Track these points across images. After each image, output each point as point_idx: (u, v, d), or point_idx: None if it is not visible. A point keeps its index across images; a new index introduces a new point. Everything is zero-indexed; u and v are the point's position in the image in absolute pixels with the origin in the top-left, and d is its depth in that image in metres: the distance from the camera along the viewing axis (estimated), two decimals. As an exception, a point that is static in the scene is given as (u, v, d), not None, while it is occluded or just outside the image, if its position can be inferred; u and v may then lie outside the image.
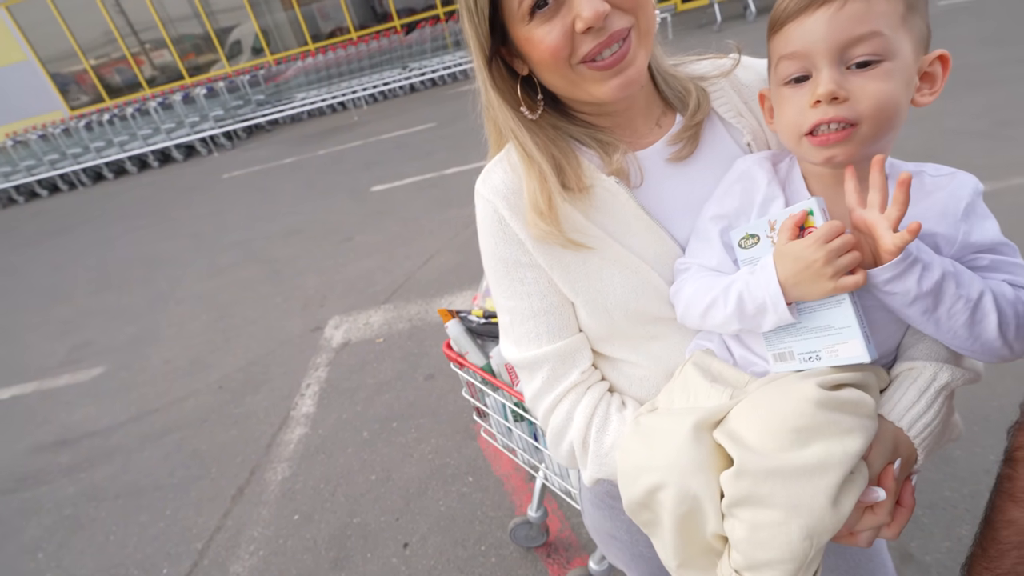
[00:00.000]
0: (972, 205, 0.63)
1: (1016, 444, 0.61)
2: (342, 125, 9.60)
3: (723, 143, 0.81)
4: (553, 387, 0.83)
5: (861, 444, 0.59)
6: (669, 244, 0.78)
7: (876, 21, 0.58)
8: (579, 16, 0.64)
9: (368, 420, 2.56)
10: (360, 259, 4.21)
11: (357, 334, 3.26)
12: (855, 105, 0.59)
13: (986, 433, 1.70)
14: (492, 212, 0.79)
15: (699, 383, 0.72)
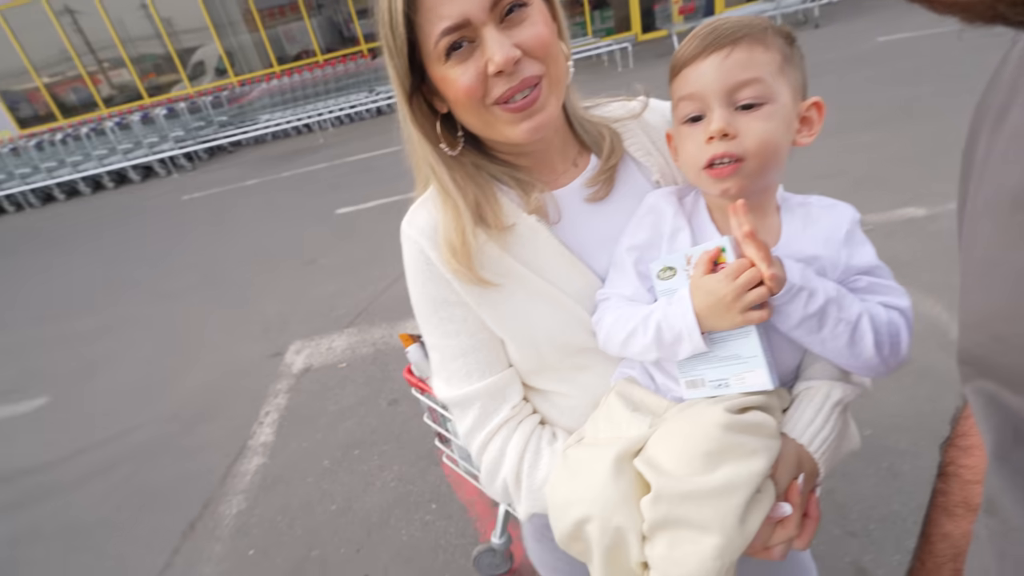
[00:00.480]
0: (851, 232, 0.71)
1: (948, 459, 0.64)
2: (307, 147, 9.53)
3: (635, 181, 0.86)
4: (485, 424, 0.84)
5: (765, 464, 0.64)
6: (590, 278, 0.81)
7: (758, 69, 0.65)
8: (491, 60, 0.67)
9: (329, 448, 2.50)
10: (324, 282, 4.15)
11: (319, 359, 3.19)
12: (742, 141, 0.66)
13: (931, 447, 1.77)
14: (418, 252, 0.81)
15: (621, 413, 0.75)
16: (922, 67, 5.48)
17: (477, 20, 0.67)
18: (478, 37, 0.68)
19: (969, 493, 0.60)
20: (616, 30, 12.43)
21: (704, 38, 0.67)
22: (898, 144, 3.91)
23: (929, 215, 2.97)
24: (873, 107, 4.68)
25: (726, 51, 0.65)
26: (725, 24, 0.66)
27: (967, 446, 0.62)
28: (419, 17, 0.68)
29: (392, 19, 0.68)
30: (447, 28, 0.67)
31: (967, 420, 0.63)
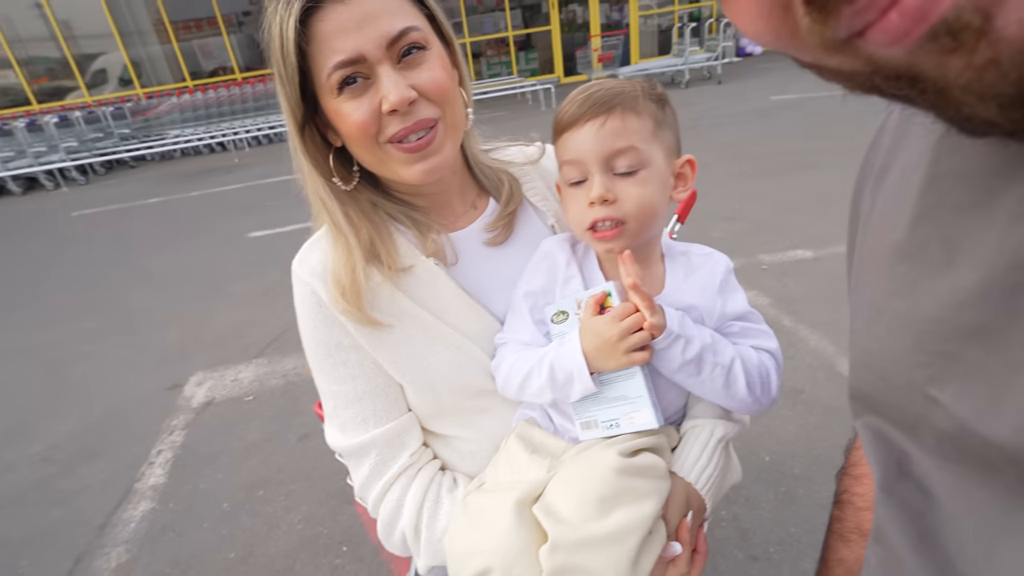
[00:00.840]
0: (725, 281, 0.77)
1: (842, 488, 0.68)
2: (220, 166, 9.05)
3: (533, 225, 0.88)
4: (382, 473, 0.80)
5: (656, 505, 0.67)
6: (489, 320, 0.81)
7: (631, 137, 0.69)
8: (385, 98, 0.67)
9: (230, 488, 2.31)
10: (231, 309, 3.90)
11: (223, 392, 2.97)
12: (621, 206, 0.70)
13: (820, 472, 1.92)
14: (310, 294, 0.77)
15: (520, 455, 0.76)
16: (808, 125, 6.12)
17: (372, 57, 0.66)
18: (373, 74, 0.67)
19: (861, 520, 0.63)
20: (540, 71, 12.96)
21: (580, 104, 0.70)
22: (789, 192, 4.31)
23: (816, 257, 3.28)
24: (768, 158, 5.16)
25: (601, 120, 0.69)
26: (599, 91, 0.70)
27: (858, 475, 0.66)
28: (312, 48, 0.66)
29: (283, 47, 0.66)
30: (341, 62, 0.66)
31: (858, 451, 0.67)
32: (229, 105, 10.71)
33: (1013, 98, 0.23)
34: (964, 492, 0.37)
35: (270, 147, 10.28)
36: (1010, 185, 0.32)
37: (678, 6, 13.04)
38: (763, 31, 0.28)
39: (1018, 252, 0.31)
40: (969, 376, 0.34)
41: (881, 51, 0.25)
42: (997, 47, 0.21)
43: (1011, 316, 0.31)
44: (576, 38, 12.77)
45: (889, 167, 0.45)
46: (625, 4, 12.76)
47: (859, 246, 0.49)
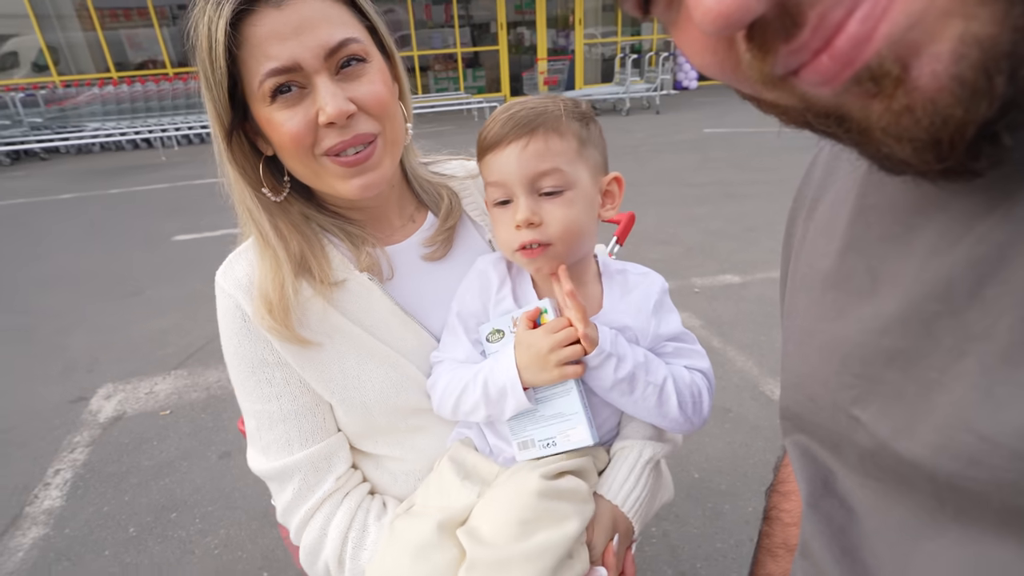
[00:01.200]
0: (660, 302, 0.78)
1: (771, 504, 0.70)
2: (145, 164, 8.51)
3: (471, 239, 0.87)
4: (305, 499, 0.76)
5: (577, 527, 0.67)
6: (425, 337, 0.79)
7: (555, 158, 0.69)
8: (322, 110, 0.64)
9: (138, 511, 2.12)
10: (151, 317, 3.64)
11: (136, 405, 2.75)
12: (547, 228, 0.69)
13: (746, 488, 2.00)
14: (234, 307, 0.73)
15: (452, 480, 0.74)
16: (738, 158, 6.50)
17: (309, 67, 0.63)
18: (310, 84, 0.65)
19: (788, 535, 0.65)
20: (487, 89, 13.10)
21: (503, 124, 0.69)
22: (719, 219, 4.54)
23: (743, 282, 3.45)
24: (702, 186, 5.43)
25: (523, 141, 0.68)
26: (521, 112, 0.69)
27: (786, 491, 0.68)
28: (244, 52, 0.63)
29: (212, 49, 0.62)
30: (274, 69, 0.62)
31: (787, 468, 0.70)
32: (158, 100, 10.11)
33: (925, 142, 0.25)
34: (883, 508, 0.39)
35: (202, 147, 9.77)
36: (927, 222, 0.34)
37: (621, 38, 13.60)
38: (710, 63, 0.30)
39: (935, 283, 0.33)
40: (889, 397, 0.36)
41: (813, 90, 0.26)
42: (912, 95, 0.23)
43: (927, 342, 0.33)
44: (523, 60, 13.03)
45: (820, 199, 0.48)
46: (571, 31, 13.18)
47: (792, 273, 0.51)
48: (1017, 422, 0.28)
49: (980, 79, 0.22)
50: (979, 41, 0.21)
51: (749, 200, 4.91)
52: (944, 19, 0.22)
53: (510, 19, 12.76)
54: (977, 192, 0.31)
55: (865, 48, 0.23)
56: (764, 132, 7.29)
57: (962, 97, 0.23)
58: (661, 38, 13.60)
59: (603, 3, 13.42)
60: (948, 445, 0.32)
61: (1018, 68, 0.22)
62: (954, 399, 0.32)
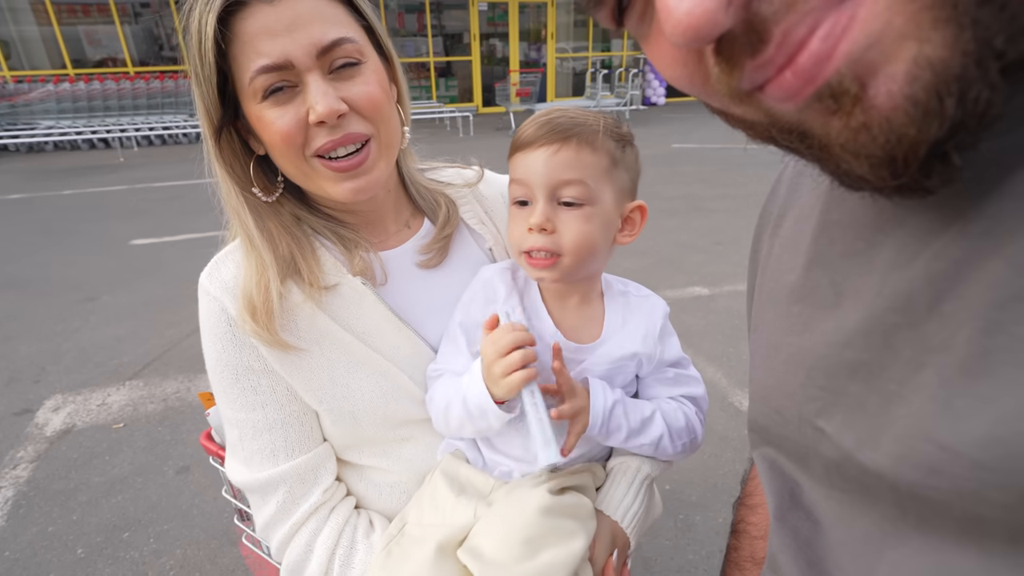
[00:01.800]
0: (664, 327, 0.78)
1: (738, 518, 0.71)
2: (102, 165, 8.20)
3: (468, 248, 0.86)
4: (290, 512, 0.73)
5: (583, 545, 0.66)
6: (420, 345, 0.77)
7: (582, 171, 0.67)
8: (313, 108, 0.63)
9: (87, 531, 2.01)
10: (104, 324, 3.48)
11: (86, 418, 2.61)
12: (559, 238, 0.68)
13: (716, 500, 2.02)
14: (219, 311, 0.71)
15: (447, 497, 0.72)
16: (705, 173, 6.66)
17: (301, 65, 0.62)
18: (301, 82, 0.63)
19: (755, 548, 0.66)
20: (459, 99, 13.13)
21: (539, 127, 0.68)
22: (688, 233, 4.63)
23: (711, 294, 3.52)
24: (671, 199, 5.53)
25: (555, 147, 0.67)
26: (561, 118, 0.68)
27: (753, 504, 0.69)
28: (234, 48, 0.61)
29: (201, 44, 0.60)
30: (265, 66, 0.61)
31: (754, 481, 0.70)
32: (117, 99, 9.75)
33: (881, 159, 0.26)
34: (847, 520, 0.40)
35: (163, 148, 9.49)
36: (887, 238, 0.36)
37: (592, 53, 13.84)
38: (680, 76, 0.31)
39: (894, 296, 0.34)
40: (852, 409, 0.37)
41: (777, 105, 0.28)
42: (869, 113, 0.24)
43: (888, 354, 0.34)
44: (496, 71, 13.12)
45: (785, 215, 0.49)
46: (543, 45, 13.35)
47: (758, 288, 0.52)
48: (977, 432, 0.29)
49: (932, 100, 0.23)
50: (932, 64, 0.22)
51: (717, 214, 5.03)
52: (900, 41, 0.23)
53: (483, 30, 12.85)
54: (931, 209, 0.33)
55: (826, 66, 0.24)
56: (731, 148, 7.50)
57: (915, 117, 0.24)
58: (631, 54, 13.89)
59: (575, 19, 13.65)
60: (909, 455, 0.32)
61: (967, 91, 0.23)
62: (914, 410, 0.32)
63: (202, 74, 0.63)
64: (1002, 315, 0.28)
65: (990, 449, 0.28)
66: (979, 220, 0.30)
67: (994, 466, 0.28)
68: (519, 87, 10.70)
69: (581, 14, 13.47)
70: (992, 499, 0.29)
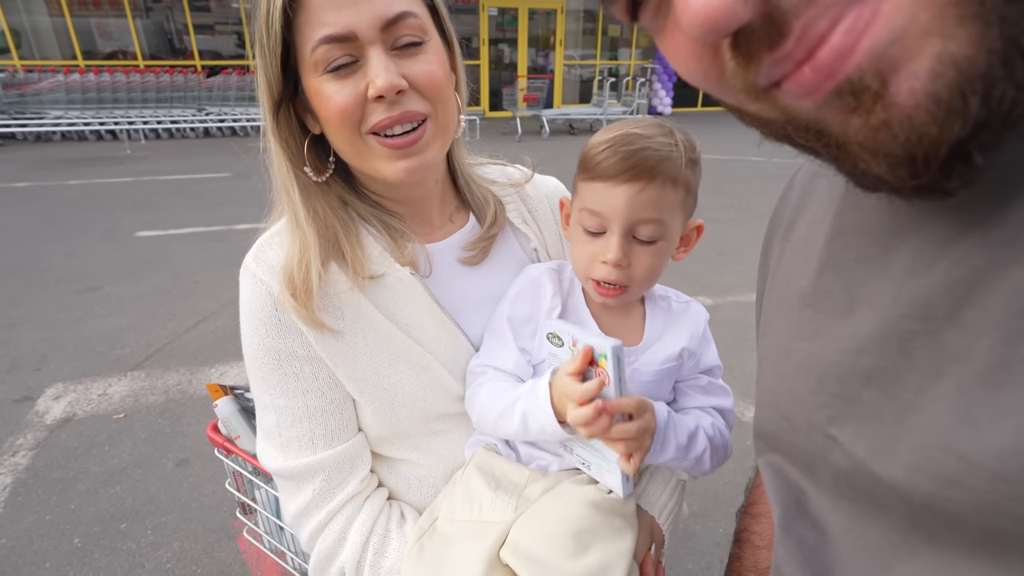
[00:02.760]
0: (705, 331, 0.79)
1: (742, 526, 0.70)
2: (109, 156, 8.21)
3: (511, 247, 0.85)
4: (326, 500, 0.72)
5: (631, 541, 0.66)
6: (460, 340, 0.77)
7: (662, 210, 0.67)
8: (372, 82, 0.62)
9: (85, 521, 2.00)
10: (107, 314, 3.48)
11: (87, 407, 2.61)
12: (631, 273, 0.69)
13: (716, 510, 2.01)
14: (265, 295, 0.70)
15: (483, 492, 0.71)
16: (708, 183, 6.67)
17: (364, 37, 0.61)
18: (363, 57, 0.63)
19: (759, 558, 0.65)
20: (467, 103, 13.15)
21: (623, 160, 0.64)
22: (693, 243, 4.64)
23: (714, 305, 3.52)
24: (676, 209, 5.54)
25: (640, 185, 0.65)
26: (646, 151, 0.64)
27: (757, 514, 0.68)
28: (300, 18, 0.61)
29: (269, 14, 0.60)
30: (328, 36, 0.60)
31: (758, 490, 0.70)
32: (127, 92, 9.77)
33: (900, 158, 0.25)
34: (856, 531, 0.39)
35: (171, 142, 9.51)
36: (902, 243, 0.35)
37: (599, 61, 13.89)
38: (694, 71, 0.30)
39: (911, 303, 0.34)
40: (866, 417, 0.36)
41: (794, 102, 0.27)
42: (890, 111, 0.24)
43: (904, 362, 0.34)
44: (503, 76, 13.15)
45: (797, 220, 0.48)
46: (551, 51, 13.40)
47: (768, 293, 0.51)
48: (997, 443, 0.28)
49: (956, 99, 0.22)
50: (956, 61, 0.22)
51: (721, 225, 5.03)
52: (924, 37, 0.22)
53: (492, 36, 12.90)
54: (950, 215, 0.32)
55: (847, 61, 0.24)
56: (736, 160, 7.51)
57: (937, 115, 0.23)
58: (638, 63, 13.94)
59: (583, 26, 13.70)
60: (925, 465, 0.32)
61: (991, 90, 0.22)
62: (931, 419, 0.32)
63: (267, 45, 0.62)
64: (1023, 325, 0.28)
65: (1011, 460, 0.27)
66: (1002, 227, 0.29)
67: (1015, 478, 0.27)
68: (526, 92, 10.72)
69: (590, 22, 13.55)
70: (1011, 512, 0.28)
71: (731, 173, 7.06)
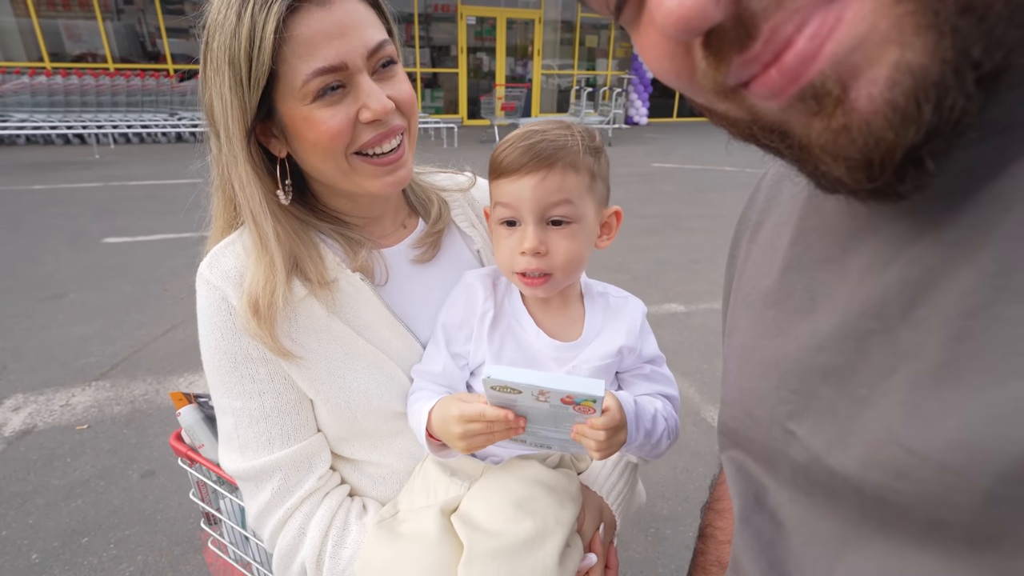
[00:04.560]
0: (643, 324, 0.82)
1: (706, 522, 0.72)
2: (77, 160, 8.01)
3: (459, 249, 0.90)
4: (285, 498, 0.74)
5: (572, 514, 0.69)
6: (411, 341, 0.80)
7: (568, 192, 0.71)
8: (367, 107, 0.67)
9: (44, 536, 1.93)
10: (72, 322, 3.38)
11: (48, 418, 2.53)
12: (551, 259, 0.72)
13: (687, 513, 2.04)
14: (219, 300, 0.72)
15: (438, 477, 0.75)
16: (683, 192, 6.79)
17: (354, 67, 0.65)
18: (351, 83, 0.66)
19: (722, 552, 0.67)
20: (444, 111, 13.19)
21: (523, 153, 0.69)
22: (665, 250, 4.70)
23: (687, 311, 3.58)
24: (649, 218, 5.61)
25: (541, 174, 0.69)
26: (542, 143, 0.69)
27: (721, 509, 0.70)
28: (286, 49, 0.63)
29: (256, 47, 0.61)
30: (322, 68, 0.63)
31: (722, 486, 0.71)
32: (96, 95, 9.55)
33: (858, 161, 0.26)
34: (810, 523, 0.41)
35: (141, 147, 9.31)
36: (861, 245, 0.37)
37: (577, 71, 14.05)
38: (667, 69, 0.31)
39: (868, 302, 0.35)
40: (823, 412, 0.38)
41: (761, 103, 0.28)
42: (850, 116, 0.25)
43: (860, 359, 0.35)
44: (482, 84, 13.22)
45: (763, 222, 0.50)
46: (529, 61, 13.52)
47: (734, 292, 0.53)
48: (945, 437, 0.29)
49: (911, 106, 0.24)
50: (912, 70, 0.23)
51: (694, 233, 5.12)
52: (883, 45, 0.23)
53: (470, 44, 12.96)
54: (907, 217, 0.33)
55: (811, 65, 0.25)
56: (709, 169, 7.65)
57: (894, 121, 0.24)
58: (615, 74, 14.14)
59: (561, 36, 13.86)
60: (877, 458, 0.33)
61: (944, 98, 0.23)
62: (883, 414, 0.33)
63: (250, 78, 0.63)
64: (972, 323, 0.29)
65: (956, 453, 0.28)
66: (953, 229, 0.30)
67: (959, 470, 0.28)
68: (504, 101, 10.79)
69: (568, 32, 13.71)
70: (955, 502, 0.29)
71: (704, 182, 7.19)
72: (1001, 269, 0.28)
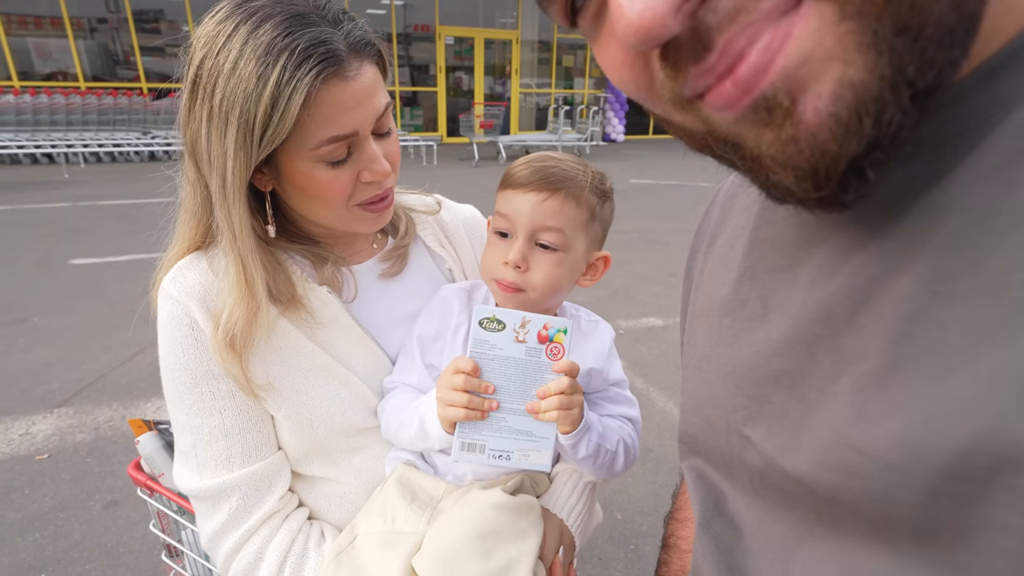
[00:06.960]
0: (611, 349, 0.85)
1: (669, 532, 0.72)
2: (45, 180, 7.83)
3: (428, 267, 0.91)
4: (243, 520, 0.72)
5: (535, 542, 0.69)
6: (379, 355, 0.80)
7: (563, 221, 0.74)
8: (369, 169, 0.70)
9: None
10: (34, 347, 3.27)
11: (6, 448, 2.43)
12: (530, 277, 0.74)
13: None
14: (182, 315, 0.71)
15: (397, 505, 0.73)
16: (659, 207, 6.89)
17: (363, 133, 0.68)
18: (356, 146, 0.69)
19: (685, 562, 0.67)
20: (424, 128, 13.25)
21: (533, 172, 0.73)
22: (642, 265, 4.76)
23: (664, 325, 3.60)
24: (627, 232, 5.68)
25: (544, 195, 0.72)
26: (554, 168, 0.74)
27: (683, 519, 0.70)
28: (304, 114, 0.62)
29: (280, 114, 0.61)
30: (337, 136, 0.65)
31: (684, 496, 0.72)
32: (66, 114, 9.38)
33: (805, 171, 0.27)
34: (766, 527, 0.41)
35: (113, 166, 9.15)
36: (810, 255, 0.38)
37: (555, 89, 14.27)
38: (627, 80, 0.32)
39: (816, 309, 0.36)
40: (776, 417, 0.39)
41: (715, 114, 0.29)
42: (798, 128, 0.26)
43: (810, 364, 0.36)
44: (460, 103, 13.33)
45: (718, 235, 0.52)
46: (508, 80, 13.69)
47: (692, 303, 0.54)
48: (889, 436, 0.30)
49: (852, 119, 0.25)
50: (854, 85, 0.24)
51: (671, 248, 5.19)
52: (828, 61, 0.24)
53: (449, 63, 13.09)
54: (851, 227, 0.35)
55: (762, 78, 0.26)
56: (685, 185, 7.79)
57: (837, 134, 0.25)
58: (592, 92, 14.39)
59: (539, 56, 14.09)
60: (827, 459, 0.34)
61: (882, 113, 0.25)
62: (831, 416, 0.34)
63: (267, 135, 0.62)
64: (911, 327, 0.30)
65: (899, 451, 0.30)
66: (894, 238, 0.32)
67: (903, 467, 0.30)
68: (483, 119, 10.88)
69: (545, 52, 13.94)
70: (900, 499, 0.30)
71: (679, 198, 7.31)
72: (937, 276, 0.29)
